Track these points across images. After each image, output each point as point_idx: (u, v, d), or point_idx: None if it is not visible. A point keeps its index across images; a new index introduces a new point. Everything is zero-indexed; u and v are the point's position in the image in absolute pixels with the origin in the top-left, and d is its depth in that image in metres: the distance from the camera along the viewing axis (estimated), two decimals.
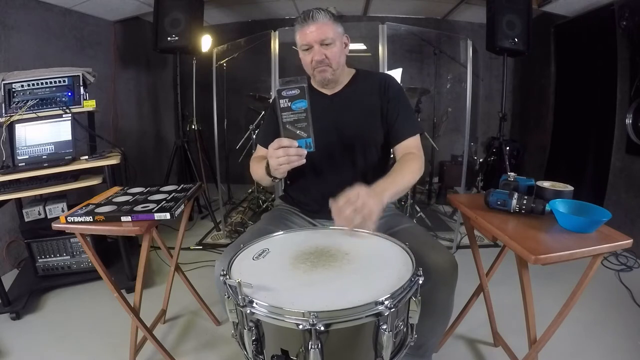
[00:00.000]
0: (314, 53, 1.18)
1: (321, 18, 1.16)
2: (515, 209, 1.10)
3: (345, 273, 0.83)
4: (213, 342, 1.63)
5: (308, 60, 1.20)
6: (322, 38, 1.16)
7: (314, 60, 1.18)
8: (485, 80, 4.01)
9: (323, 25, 1.15)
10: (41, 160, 1.89)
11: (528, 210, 1.08)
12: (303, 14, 1.17)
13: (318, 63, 1.18)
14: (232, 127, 3.60)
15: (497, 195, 1.13)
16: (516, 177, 1.19)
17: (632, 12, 2.31)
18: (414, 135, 1.25)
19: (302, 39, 1.18)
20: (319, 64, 1.18)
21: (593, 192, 2.70)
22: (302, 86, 0.98)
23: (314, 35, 1.15)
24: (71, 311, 1.88)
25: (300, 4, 3.61)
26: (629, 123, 2.37)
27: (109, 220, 1.20)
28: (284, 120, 1.00)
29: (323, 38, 1.16)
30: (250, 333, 0.76)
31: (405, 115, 1.26)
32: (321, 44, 1.16)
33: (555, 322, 1.05)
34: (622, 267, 2.17)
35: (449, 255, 1.03)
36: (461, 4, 3.47)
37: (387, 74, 1.45)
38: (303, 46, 1.19)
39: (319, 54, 1.17)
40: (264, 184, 1.25)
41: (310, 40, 1.16)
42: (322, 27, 1.15)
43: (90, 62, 2.83)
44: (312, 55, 1.18)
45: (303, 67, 1.25)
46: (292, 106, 0.99)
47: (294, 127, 1.01)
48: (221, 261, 1.02)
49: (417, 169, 1.17)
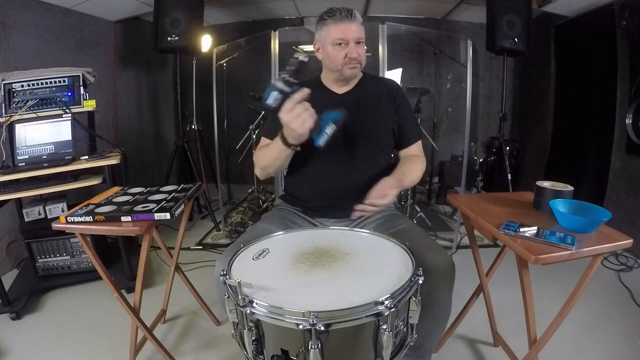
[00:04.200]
0: (349, 50, 1.21)
1: (359, 18, 1.22)
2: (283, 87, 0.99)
3: (345, 273, 0.83)
4: (213, 342, 1.63)
5: (341, 55, 1.22)
6: (359, 37, 1.21)
7: (349, 57, 1.22)
8: (485, 80, 4.00)
9: (361, 25, 1.22)
10: (41, 160, 1.89)
11: (290, 74, 0.98)
12: (343, 10, 1.20)
13: (352, 60, 1.22)
14: (232, 127, 3.59)
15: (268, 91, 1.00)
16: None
17: (632, 12, 2.30)
18: (418, 141, 1.35)
19: (339, 33, 1.20)
20: (352, 60, 1.22)
21: (593, 192, 2.69)
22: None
23: (354, 33, 1.20)
24: (71, 311, 1.88)
25: (300, 4, 3.61)
26: (629, 123, 2.37)
27: (109, 220, 1.20)
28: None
29: (361, 37, 1.22)
30: (250, 333, 0.76)
31: (411, 122, 1.36)
32: (357, 42, 1.21)
33: (555, 322, 1.05)
34: (622, 267, 2.17)
35: (446, 256, 1.04)
36: (461, 4, 3.47)
37: (392, 79, 1.50)
38: (338, 40, 1.21)
39: (355, 51, 1.21)
40: (274, 168, 1.23)
41: (349, 36, 1.20)
42: (360, 26, 1.22)
43: (90, 62, 2.83)
44: (346, 51, 1.21)
45: (328, 60, 1.26)
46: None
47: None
48: (221, 261, 1.02)
49: (421, 168, 1.30)
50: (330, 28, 1.21)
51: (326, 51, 1.25)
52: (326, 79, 1.34)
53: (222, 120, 3.33)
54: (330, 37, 1.21)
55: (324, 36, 1.23)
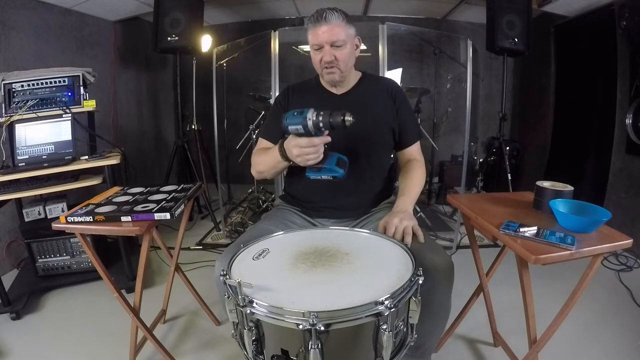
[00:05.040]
0: (324, 53, 1.18)
1: (334, 19, 1.16)
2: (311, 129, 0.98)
3: (345, 273, 0.83)
4: (213, 342, 1.63)
5: (318, 59, 1.21)
6: (332, 39, 1.16)
7: (323, 61, 1.19)
8: (485, 80, 4.01)
9: (335, 27, 1.16)
10: (41, 160, 1.89)
11: (326, 126, 0.97)
12: (316, 13, 1.17)
13: (327, 64, 1.19)
14: (232, 127, 3.59)
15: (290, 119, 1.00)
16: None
17: (632, 12, 2.30)
18: (417, 142, 1.34)
19: (313, 39, 1.18)
20: (327, 64, 1.19)
21: (593, 192, 2.69)
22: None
23: (325, 36, 1.16)
24: (71, 311, 1.88)
25: (300, 4, 3.61)
26: (629, 123, 2.37)
27: (109, 220, 1.20)
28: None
29: (334, 39, 1.16)
30: (250, 333, 0.76)
31: (410, 122, 1.34)
32: (332, 45, 1.17)
33: (555, 322, 1.04)
34: (622, 267, 2.17)
35: (446, 256, 1.04)
36: (461, 4, 3.47)
37: (392, 79, 1.49)
38: (314, 45, 1.19)
39: (328, 54, 1.18)
40: (270, 174, 1.24)
41: (321, 40, 1.17)
42: (333, 28, 1.16)
43: (90, 62, 2.83)
44: (321, 55, 1.19)
45: (313, 64, 1.25)
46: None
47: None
48: (221, 261, 1.02)
49: (422, 176, 1.30)
50: (309, 32, 1.20)
51: (311, 56, 1.24)
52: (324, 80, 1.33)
53: (222, 120, 3.33)
54: (310, 42, 1.21)
55: (309, 42, 1.22)
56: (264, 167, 1.24)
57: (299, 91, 1.35)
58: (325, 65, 1.20)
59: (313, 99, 1.31)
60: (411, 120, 1.35)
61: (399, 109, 1.31)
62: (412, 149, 1.34)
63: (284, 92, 1.37)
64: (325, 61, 1.19)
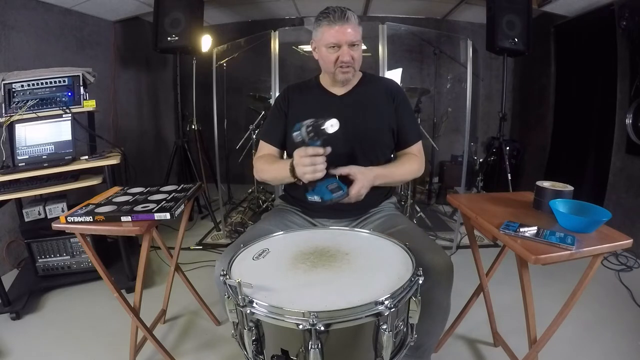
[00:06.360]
0: (342, 53, 1.17)
1: (354, 19, 1.16)
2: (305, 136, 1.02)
3: (345, 273, 0.83)
4: (213, 342, 1.63)
5: (333, 58, 1.19)
6: (353, 40, 1.16)
7: (341, 61, 1.18)
8: (485, 80, 4.00)
9: (355, 27, 1.17)
10: (41, 160, 1.89)
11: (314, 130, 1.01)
12: (333, 11, 1.15)
13: (344, 64, 1.18)
14: (232, 127, 3.59)
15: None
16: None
17: (632, 12, 2.30)
18: (418, 142, 1.33)
19: (331, 37, 1.16)
20: (345, 64, 1.19)
21: (593, 192, 2.70)
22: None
23: (347, 36, 1.15)
24: (71, 311, 1.88)
25: (300, 4, 3.61)
26: (629, 123, 2.37)
27: (109, 220, 1.20)
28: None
29: (354, 40, 1.17)
30: (250, 333, 0.76)
31: (411, 122, 1.33)
32: (350, 45, 1.17)
33: (555, 322, 1.04)
34: (622, 267, 2.17)
35: (445, 256, 1.04)
36: (461, 4, 3.47)
37: (392, 79, 1.48)
38: (330, 44, 1.18)
39: (347, 55, 1.17)
40: (276, 184, 1.26)
41: (341, 39, 1.16)
42: (355, 28, 1.16)
43: (90, 62, 2.83)
44: (338, 55, 1.18)
45: (322, 62, 1.24)
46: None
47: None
48: (221, 261, 1.02)
49: (415, 169, 1.29)
50: (324, 30, 1.17)
51: (320, 53, 1.22)
52: (324, 80, 1.32)
53: (222, 120, 3.33)
54: (324, 40, 1.18)
55: (319, 37, 1.20)
56: (270, 177, 1.25)
57: (299, 92, 1.34)
58: (341, 64, 1.19)
59: (313, 99, 1.30)
60: (411, 121, 1.34)
61: (399, 109, 1.30)
62: (412, 150, 1.32)
63: (283, 93, 1.37)
64: (343, 61, 1.18)
